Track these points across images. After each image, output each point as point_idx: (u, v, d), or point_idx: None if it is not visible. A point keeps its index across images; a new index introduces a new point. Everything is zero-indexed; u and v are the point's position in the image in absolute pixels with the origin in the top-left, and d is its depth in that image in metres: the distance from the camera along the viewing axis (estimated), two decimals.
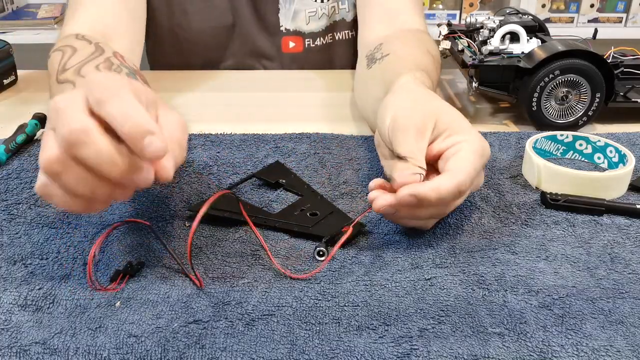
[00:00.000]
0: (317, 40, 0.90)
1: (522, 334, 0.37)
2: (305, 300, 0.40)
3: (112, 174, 0.36)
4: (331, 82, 0.83)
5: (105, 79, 0.38)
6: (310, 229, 0.47)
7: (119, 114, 0.35)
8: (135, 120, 0.35)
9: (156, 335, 0.37)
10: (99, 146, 0.35)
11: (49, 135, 0.37)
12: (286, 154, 0.60)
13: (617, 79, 0.68)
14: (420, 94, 0.53)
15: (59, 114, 0.36)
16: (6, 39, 0.85)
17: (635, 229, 0.48)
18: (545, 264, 0.44)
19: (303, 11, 0.87)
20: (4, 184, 0.54)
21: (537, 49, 0.64)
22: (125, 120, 0.35)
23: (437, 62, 0.68)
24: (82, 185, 0.36)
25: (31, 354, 0.36)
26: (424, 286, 0.41)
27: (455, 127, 0.47)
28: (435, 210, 0.45)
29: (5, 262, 0.44)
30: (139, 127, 0.35)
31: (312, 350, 0.36)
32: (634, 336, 0.37)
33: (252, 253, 0.45)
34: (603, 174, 0.52)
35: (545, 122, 0.65)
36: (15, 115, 0.70)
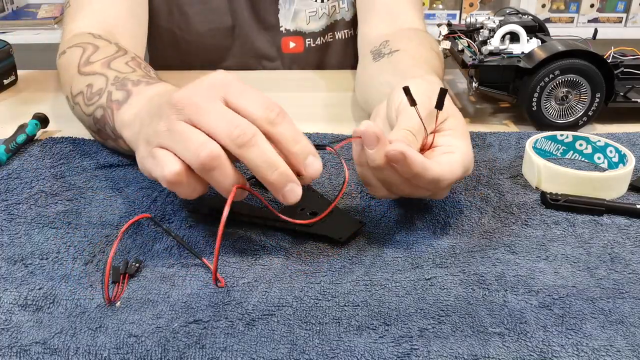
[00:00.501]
0: (317, 40, 0.90)
1: (522, 334, 0.37)
2: (305, 300, 0.40)
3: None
4: (331, 82, 0.83)
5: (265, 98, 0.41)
6: (311, 228, 0.47)
7: (290, 135, 0.40)
8: (304, 143, 0.40)
9: (156, 335, 0.37)
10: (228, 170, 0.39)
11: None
12: None
13: (617, 79, 0.68)
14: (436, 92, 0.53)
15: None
16: (6, 39, 0.85)
17: (635, 229, 0.48)
18: (545, 264, 0.44)
19: (303, 11, 0.87)
20: (4, 184, 0.54)
21: (537, 49, 0.64)
22: (295, 142, 0.40)
23: (441, 59, 0.69)
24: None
25: (31, 354, 0.36)
26: (424, 286, 0.41)
27: (458, 133, 0.47)
28: (405, 185, 0.44)
29: (5, 262, 0.44)
30: (306, 148, 0.40)
31: (312, 350, 0.36)
32: (634, 336, 0.37)
33: (252, 253, 0.45)
34: (603, 174, 0.52)
35: (545, 122, 0.65)
36: (15, 115, 0.70)
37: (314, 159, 0.41)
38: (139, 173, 0.56)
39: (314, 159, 0.41)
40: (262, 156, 0.39)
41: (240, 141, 0.38)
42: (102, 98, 0.54)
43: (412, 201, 0.52)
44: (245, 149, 0.38)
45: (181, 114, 0.39)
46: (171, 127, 0.39)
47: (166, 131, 0.40)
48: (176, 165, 0.39)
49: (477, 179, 0.56)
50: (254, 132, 0.38)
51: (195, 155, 0.38)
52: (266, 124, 0.39)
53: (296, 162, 0.40)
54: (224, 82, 0.41)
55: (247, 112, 0.39)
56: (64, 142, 0.62)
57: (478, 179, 0.56)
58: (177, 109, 0.40)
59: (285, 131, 0.40)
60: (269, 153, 0.39)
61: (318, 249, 0.45)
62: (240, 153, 0.39)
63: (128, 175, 0.56)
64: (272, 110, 0.40)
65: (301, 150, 0.40)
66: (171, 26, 0.87)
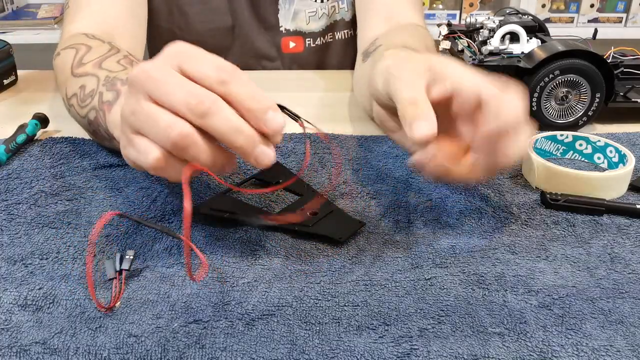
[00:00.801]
0: (317, 40, 0.90)
1: (522, 334, 0.37)
2: (305, 300, 0.40)
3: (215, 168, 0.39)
4: (331, 82, 0.83)
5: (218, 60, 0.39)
6: (311, 228, 0.47)
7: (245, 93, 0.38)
8: (260, 99, 0.38)
9: (156, 335, 0.37)
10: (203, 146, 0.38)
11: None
12: (286, 154, 0.60)
13: (617, 79, 0.68)
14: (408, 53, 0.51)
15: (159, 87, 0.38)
16: (6, 39, 0.85)
17: (635, 229, 0.48)
18: (545, 264, 0.44)
19: (303, 11, 0.87)
20: (4, 184, 0.54)
21: (537, 49, 0.64)
22: (251, 99, 0.38)
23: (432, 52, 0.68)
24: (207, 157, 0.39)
25: (31, 354, 0.36)
26: (424, 286, 0.41)
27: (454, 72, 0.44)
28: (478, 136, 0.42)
29: (5, 262, 0.44)
30: (263, 104, 0.38)
31: (312, 350, 0.36)
32: (634, 336, 0.37)
33: (252, 253, 0.45)
34: (603, 174, 0.52)
35: (545, 122, 0.65)
36: (15, 115, 0.70)
37: (273, 113, 0.38)
38: (139, 173, 0.56)
39: (274, 113, 0.38)
40: (225, 123, 0.37)
41: (199, 111, 0.37)
42: (94, 100, 0.54)
43: (412, 200, 0.52)
44: (207, 119, 0.37)
45: (140, 92, 0.38)
46: (135, 109, 0.38)
47: (132, 114, 0.39)
48: (155, 151, 0.38)
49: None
50: (212, 100, 0.37)
51: (166, 137, 0.37)
52: (218, 85, 0.38)
53: (255, 120, 0.38)
54: (177, 51, 0.40)
55: (200, 75, 0.38)
56: (63, 142, 0.62)
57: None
58: (136, 87, 0.38)
59: (238, 89, 0.38)
60: (232, 118, 0.37)
61: (318, 249, 0.46)
62: (202, 123, 0.37)
63: (128, 175, 0.56)
64: (223, 70, 0.38)
65: (258, 107, 0.38)
66: (171, 26, 0.87)
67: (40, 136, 0.65)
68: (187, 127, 0.37)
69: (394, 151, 0.61)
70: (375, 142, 0.63)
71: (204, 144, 0.38)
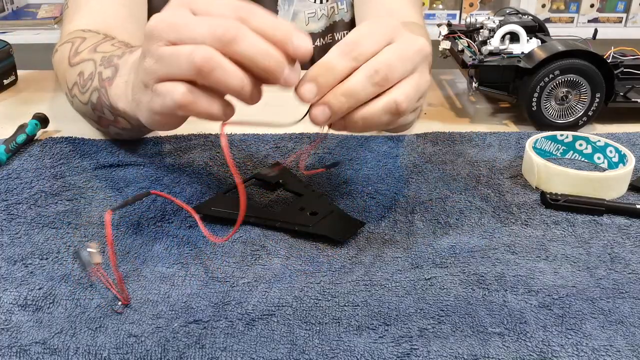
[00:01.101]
0: (316, 41, 0.90)
1: (522, 334, 0.37)
2: (305, 300, 0.40)
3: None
4: None
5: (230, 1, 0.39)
6: (311, 228, 0.47)
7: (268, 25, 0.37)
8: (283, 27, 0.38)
9: (156, 335, 0.37)
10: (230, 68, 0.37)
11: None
12: (286, 154, 0.60)
13: (617, 79, 0.68)
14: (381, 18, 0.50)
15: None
16: (6, 39, 0.85)
17: (635, 229, 0.48)
18: (545, 264, 0.44)
19: (302, 12, 0.87)
20: (4, 184, 0.54)
21: (537, 49, 0.64)
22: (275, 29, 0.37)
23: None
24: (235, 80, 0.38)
25: (31, 354, 0.36)
26: (424, 286, 0.41)
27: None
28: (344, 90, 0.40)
29: (5, 262, 0.44)
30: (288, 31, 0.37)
31: (312, 350, 0.36)
32: (633, 336, 0.37)
33: (252, 253, 0.45)
34: (603, 174, 0.52)
35: (545, 122, 0.65)
36: (15, 115, 0.70)
37: (300, 36, 0.38)
38: (139, 173, 0.56)
39: (300, 36, 0.38)
40: (254, 47, 0.37)
41: (226, 38, 0.36)
42: (95, 81, 0.54)
43: (412, 201, 0.52)
44: (235, 45, 0.37)
45: (160, 40, 0.38)
46: (157, 56, 0.38)
47: (155, 63, 0.39)
48: (180, 86, 0.38)
49: (477, 179, 0.56)
50: (237, 26, 0.37)
51: (190, 64, 0.37)
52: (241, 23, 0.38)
53: (284, 48, 0.38)
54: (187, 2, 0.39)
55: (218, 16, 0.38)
56: (63, 142, 0.62)
57: (478, 179, 0.56)
58: (154, 37, 0.38)
59: (261, 24, 0.37)
60: (259, 42, 0.37)
61: (318, 249, 0.45)
62: (230, 50, 0.37)
63: (128, 175, 0.56)
64: (240, 8, 0.38)
65: (282, 34, 0.38)
66: None
67: (40, 136, 0.65)
68: (210, 50, 0.37)
69: (394, 151, 0.61)
70: (375, 142, 0.63)
71: (229, 64, 0.37)
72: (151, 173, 0.56)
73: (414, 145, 0.62)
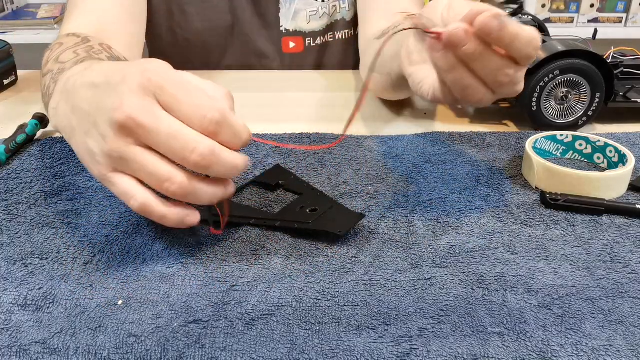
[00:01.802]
0: (317, 40, 0.90)
1: (522, 334, 0.37)
2: (305, 300, 0.40)
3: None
4: (331, 82, 0.83)
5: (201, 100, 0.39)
6: (311, 225, 0.47)
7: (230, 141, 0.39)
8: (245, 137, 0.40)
9: (156, 335, 0.37)
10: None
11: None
12: (286, 154, 0.60)
13: (617, 79, 0.68)
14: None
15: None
16: (6, 39, 0.85)
17: (635, 229, 0.48)
18: (545, 264, 0.44)
19: (304, 10, 0.87)
20: (4, 184, 0.54)
21: None
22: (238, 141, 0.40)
23: None
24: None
25: (31, 354, 0.36)
26: (423, 286, 0.41)
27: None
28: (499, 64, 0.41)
29: (5, 262, 0.44)
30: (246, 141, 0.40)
31: (312, 350, 0.36)
32: (633, 336, 0.37)
33: (252, 253, 0.45)
34: (603, 174, 0.52)
35: (545, 122, 0.65)
36: (15, 115, 0.70)
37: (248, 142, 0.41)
38: None
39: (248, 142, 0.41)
40: (225, 169, 0.39)
41: (202, 165, 0.37)
42: (47, 97, 0.53)
43: (412, 201, 0.52)
44: (208, 170, 0.38)
45: (127, 137, 0.38)
46: (124, 155, 0.38)
47: (119, 158, 0.38)
48: (143, 195, 0.39)
49: (477, 179, 0.56)
50: (210, 151, 0.37)
51: (164, 190, 0.38)
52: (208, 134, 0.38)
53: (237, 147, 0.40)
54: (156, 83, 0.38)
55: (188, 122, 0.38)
56: (64, 142, 0.62)
57: (478, 179, 0.56)
58: (123, 131, 0.38)
59: (225, 139, 0.39)
60: (229, 161, 0.39)
61: (318, 249, 0.46)
62: (205, 173, 0.39)
63: None
64: (208, 118, 0.38)
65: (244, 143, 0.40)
66: (171, 25, 0.87)
67: (40, 136, 0.65)
68: (186, 180, 0.38)
69: (393, 151, 0.61)
70: (375, 142, 0.63)
71: (201, 189, 0.39)
72: None
73: (414, 145, 0.62)
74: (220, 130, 0.38)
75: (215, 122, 0.38)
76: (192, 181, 0.39)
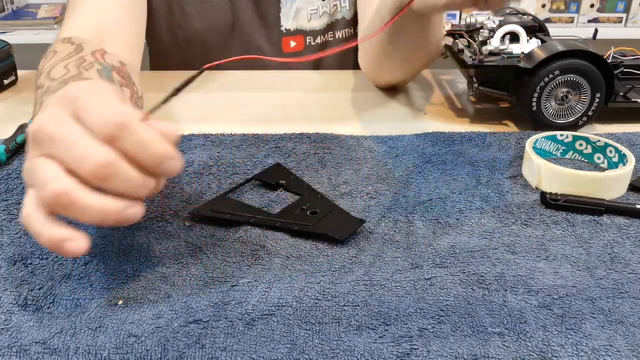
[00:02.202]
0: (317, 38, 0.90)
1: (522, 334, 0.37)
2: (305, 300, 0.40)
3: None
4: (331, 82, 0.83)
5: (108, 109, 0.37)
6: (311, 227, 0.47)
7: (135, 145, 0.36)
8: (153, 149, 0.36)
9: (156, 335, 0.37)
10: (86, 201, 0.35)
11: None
12: (286, 154, 0.60)
13: (617, 79, 0.68)
14: None
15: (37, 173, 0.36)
16: (6, 39, 0.85)
17: (635, 229, 0.48)
18: (545, 264, 0.44)
19: (305, 9, 0.87)
20: (4, 184, 0.54)
21: (537, 49, 0.64)
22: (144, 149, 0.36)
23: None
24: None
25: (31, 354, 0.36)
26: (423, 286, 0.41)
27: None
28: None
29: (5, 262, 0.44)
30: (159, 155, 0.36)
31: (312, 350, 0.36)
32: (633, 336, 0.37)
33: (252, 253, 0.45)
34: (603, 174, 0.52)
35: (545, 122, 0.65)
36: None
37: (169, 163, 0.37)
38: None
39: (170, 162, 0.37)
40: (123, 183, 0.35)
41: (99, 176, 0.35)
42: (34, 115, 0.52)
43: (412, 201, 0.52)
44: (107, 183, 0.35)
45: (37, 149, 0.36)
46: (28, 166, 0.37)
47: (25, 171, 0.37)
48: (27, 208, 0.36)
49: (477, 179, 0.56)
50: (106, 160, 0.35)
51: (47, 196, 0.35)
52: (110, 141, 0.36)
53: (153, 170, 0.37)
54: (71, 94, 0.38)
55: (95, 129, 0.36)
56: None
57: (478, 179, 0.56)
58: (34, 143, 0.37)
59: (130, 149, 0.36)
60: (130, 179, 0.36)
61: (318, 249, 0.46)
62: (103, 186, 0.36)
63: None
64: (111, 123, 0.36)
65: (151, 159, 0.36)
66: (171, 24, 0.87)
67: None
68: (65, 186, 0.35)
69: (393, 151, 0.61)
70: (375, 142, 0.63)
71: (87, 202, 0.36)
72: None
73: (414, 145, 0.62)
74: (123, 138, 0.35)
75: (117, 128, 0.35)
76: (75, 193, 0.35)
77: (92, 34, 0.67)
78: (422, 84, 0.82)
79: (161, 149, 0.36)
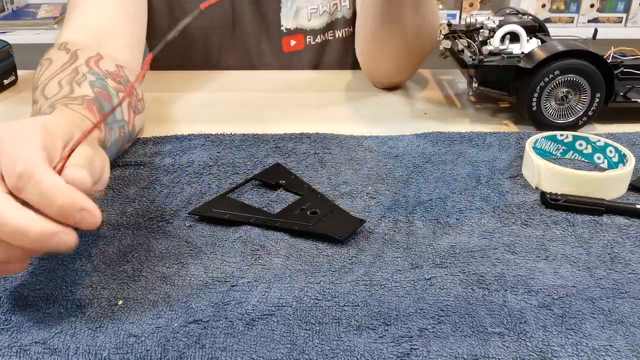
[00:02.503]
0: (317, 38, 0.90)
1: (522, 334, 0.37)
2: (305, 300, 0.40)
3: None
4: (331, 82, 0.83)
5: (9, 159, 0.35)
6: (311, 227, 0.47)
7: (39, 197, 0.34)
8: (60, 202, 0.34)
9: (156, 335, 0.37)
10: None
11: None
12: (286, 154, 0.60)
13: (617, 79, 0.68)
14: None
15: None
16: (6, 39, 0.85)
17: (635, 229, 0.48)
18: (545, 264, 0.44)
19: (305, 8, 0.87)
20: None
21: (537, 49, 0.64)
22: (49, 203, 0.34)
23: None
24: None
25: (31, 354, 0.36)
26: (423, 286, 0.41)
27: None
28: None
29: None
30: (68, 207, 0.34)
31: (312, 350, 0.36)
32: (633, 336, 0.37)
33: (252, 253, 0.45)
34: (603, 174, 0.52)
35: (545, 122, 0.65)
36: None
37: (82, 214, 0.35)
38: (138, 173, 0.56)
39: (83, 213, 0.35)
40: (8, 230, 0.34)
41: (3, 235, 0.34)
42: None
43: (412, 201, 0.52)
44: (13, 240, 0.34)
45: None
46: None
47: None
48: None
49: (477, 179, 0.56)
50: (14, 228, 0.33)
51: None
52: (16, 191, 0.35)
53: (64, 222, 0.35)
54: None
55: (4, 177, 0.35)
56: None
57: (478, 179, 0.56)
58: None
59: (33, 197, 0.34)
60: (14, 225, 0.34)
61: (318, 249, 0.46)
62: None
63: (127, 175, 0.56)
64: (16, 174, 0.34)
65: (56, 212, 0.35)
66: (171, 24, 0.87)
67: None
68: None
69: (393, 151, 0.61)
70: (375, 142, 0.63)
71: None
72: (151, 173, 0.56)
73: (414, 145, 0.62)
74: (26, 190, 0.34)
75: (20, 179, 0.34)
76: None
77: (91, 35, 0.67)
78: (422, 84, 0.82)
79: (67, 202, 0.34)
